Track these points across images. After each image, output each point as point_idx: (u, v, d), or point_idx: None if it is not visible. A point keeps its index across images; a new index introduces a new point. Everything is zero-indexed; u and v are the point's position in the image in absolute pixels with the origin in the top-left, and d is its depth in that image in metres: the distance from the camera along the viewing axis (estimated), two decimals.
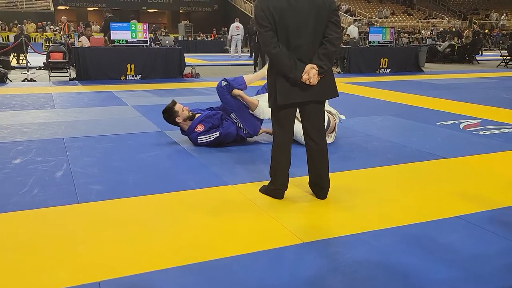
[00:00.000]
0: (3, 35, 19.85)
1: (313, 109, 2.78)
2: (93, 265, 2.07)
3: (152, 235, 2.40)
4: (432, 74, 12.25)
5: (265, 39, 2.61)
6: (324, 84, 2.70)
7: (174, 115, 4.17)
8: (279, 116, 2.80)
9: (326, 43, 2.63)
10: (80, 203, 2.81)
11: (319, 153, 2.85)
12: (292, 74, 2.60)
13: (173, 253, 2.20)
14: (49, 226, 2.48)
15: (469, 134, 4.83)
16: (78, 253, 2.18)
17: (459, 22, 32.42)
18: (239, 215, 2.68)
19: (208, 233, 2.44)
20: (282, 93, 2.67)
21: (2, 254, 2.17)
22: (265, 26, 2.59)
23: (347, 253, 2.22)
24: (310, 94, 2.68)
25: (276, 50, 2.59)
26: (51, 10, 29.41)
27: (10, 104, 6.43)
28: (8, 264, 2.07)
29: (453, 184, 3.25)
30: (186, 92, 8.16)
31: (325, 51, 2.62)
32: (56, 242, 2.30)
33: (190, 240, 2.35)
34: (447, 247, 2.28)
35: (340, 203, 2.87)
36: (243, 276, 2.00)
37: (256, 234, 2.43)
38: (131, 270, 2.02)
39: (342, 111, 5.89)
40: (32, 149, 4.01)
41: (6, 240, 2.32)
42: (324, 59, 2.61)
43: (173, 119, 4.20)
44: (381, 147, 4.26)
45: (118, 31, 9.75)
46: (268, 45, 2.60)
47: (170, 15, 36.96)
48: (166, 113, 4.22)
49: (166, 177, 3.32)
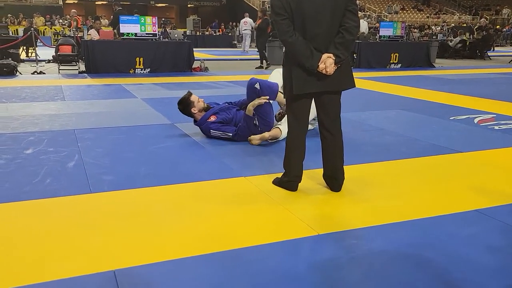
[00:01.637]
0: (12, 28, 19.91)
1: (329, 100, 2.73)
2: (108, 254, 2.05)
3: (166, 225, 2.37)
4: (443, 69, 12.12)
5: (281, 27, 2.56)
6: (341, 74, 2.64)
7: (190, 106, 4.17)
8: (294, 107, 2.76)
9: (343, 32, 2.57)
10: (92, 193, 2.79)
11: (335, 144, 2.80)
12: (309, 63, 2.55)
13: (187, 243, 2.18)
14: (62, 216, 2.47)
15: (484, 129, 4.75)
16: (93, 242, 2.16)
17: (470, 18, 32.05)
18: (252, 206, 2.64)
19: (222, 224, 2.41)
20: (298, 83, 2.63)
21: (16, 242, 2.15)
22: (281, 14, 2.54)
23: (364, 245, 2.18)
24: (327, 84, 2.63)
25: (292, 39, 2.54)
26: (60, 4, 29.51)
27: (20, 96, 6.44)
28: (22, 253, 2.06)
29: (470, 178, 3.19)
30: (195, 85, 8.12)
31: (342, 40, 2.56)
32: (70, 231, 2.28)
33: (204, 231, 2.32)
34: (466, 241, 2.24)
35: (355, 196, 2.82)
36: (259, 266, 1.97)
37: (271, 225, 2.40)
38: (146, 260, 2.00)
39: (353, 105, 5.85)
40: (43, 140, 4.00)
41: (19, 228, 2.30)
42: (341, 48, 2.56)
43: (189, 110, 4.19)
44: (395, 141, 4.21)
45: (127, 24, 9.73)
46: (284, 34, 2.55)
47: (178, 10, 36.92)
48: (182, 104, 4.21)
49: (177, 169, 3.30)
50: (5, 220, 2.40)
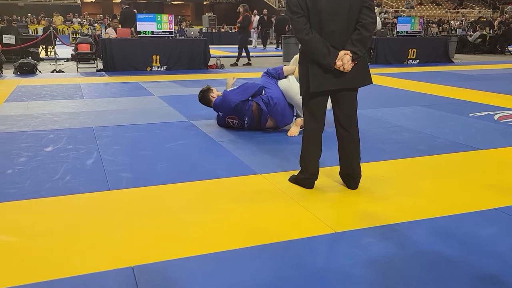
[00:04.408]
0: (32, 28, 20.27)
1: (346, 97, 2.71)
2: (127, 250, 2.08)
3: (183, 222, 2.40)
4: (462, 65, 11.91)
5: (297, 25, 2.55)
6: (358, 71, 2.62)
7: (209, 92, 4.57)
8: (311, 104, 2.75)
9: (360, 28, 2.55)
10: (111, 190, 2.83)
11: (351, 142, 2.79)
12: (326, 61, 2.54)
13: (205, 240, 2.19)
14: (82, 212, 2.51)
15: (504, 126, 4.66)
16: (112, 239, 2.19)
17: (490, 12, 31.37)
18: (269, 204, 2.65)
19: (238, 221, 2.42)
20: (315, 81, 2.62)
21: (36, 238, 2.20)
22: (297, 12, 2.53)
23: (381, 244, 2.16)
24: (344, 81, 2.61)
25: (309, 37, 2.53)
26: (78, 3, 29.89)
27: (40, 94, 6.56)
28: (42, 249, 2.10)
29: (490, 176, 3.14)
30: (211, 83, 8.13)
31: (359, 36, 2.54)
32: (90, 227, 2.32)
33: (221, 228, 2.33)
34: (486, 240, 2.20)
35: (372, 194, 2.80)
36: (276, 263, 1.97)
37: (287, 223, 2.40)
38: (164, 256, 2.02)
39: (370, 102, 5.79)
40: (63, 138, 4.07)
41: (40, 225, 2.35)
42: (358, 45, 2.54)
43: (207, 96, 4.54)
44: (412, 138, 4.16)
45: (144, 22, 9.81)
46: (301, 31, 2.54)
47: (194, 7, 37.04)
48: (202, 92, 4.58)
49: (195, 166, 3.32)
50: (27, 216, 2.46)
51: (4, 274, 1.88)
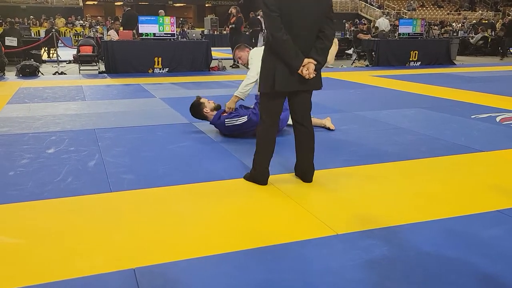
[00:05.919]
0: (34, 30, 20.34)
1: (304, 97, 2.88)
2: (128, 252, 2.07)
3: (185, 224, 2.39)
4: (464, 66, 11.90)
5: (276, 23, 2.61)
6: (317, 76, 2.80)
7: (201, 107, 4.28)
8: (270, 103, 2.84)
9: (323, 38, 2.70)
10: (113, 192, 2.83)
11: (309, 137, 2.94)
12: (294, 63, 2.65)
13: (206, 241, 2.19)
14: (84, 214, 2.51)
15: (506, 127, 4.65)
16: (113, 240, 2.19)
17: (492, 14, 31.35)
18: (270, 205, 2.65)
19: (240, 223, 2.42)
20: (281, 80, 2.71)
21: (38, 240, 2.20)
22: (275, 11, 2.61)
23: (384, 246, 2.15)
24: (306, 83, 2.77)
25: (286, 37, 2.62)
26: (80, 6, 29.99)
27: (42, 96, 6.57)
28: (44, 250, 2.10)
29: (492, 178, 3.13)
30: (213, 85, 8.17)
31: (322, 45, 2.70)
32: (91, 229, 2.32)
33: (222, 230, 2.33)
34: (489, 241, 2.19)
35: (374, 195, 2.80)
36: (277, 265, 1.97)
37: (289, 224, 2.40)
38: (166, 258, 2.02)
39: (372, 103, 5.79)
40: (64, 139, 4.08)
41: (42, 226, 2.35)
42: (322, 55, 2.71)
43: (201, 112, 4.29)
44: (414, 140, 4.15)
45: (146, 24, 9.83)
46: (278, 30, 2.61)
47: (196, 9, 37.10)
48: (193, 109, 4.35)
49: (196, 167, 3.32)
50: (29, 218, 2.46)
51: (6, 276, 1.88)
